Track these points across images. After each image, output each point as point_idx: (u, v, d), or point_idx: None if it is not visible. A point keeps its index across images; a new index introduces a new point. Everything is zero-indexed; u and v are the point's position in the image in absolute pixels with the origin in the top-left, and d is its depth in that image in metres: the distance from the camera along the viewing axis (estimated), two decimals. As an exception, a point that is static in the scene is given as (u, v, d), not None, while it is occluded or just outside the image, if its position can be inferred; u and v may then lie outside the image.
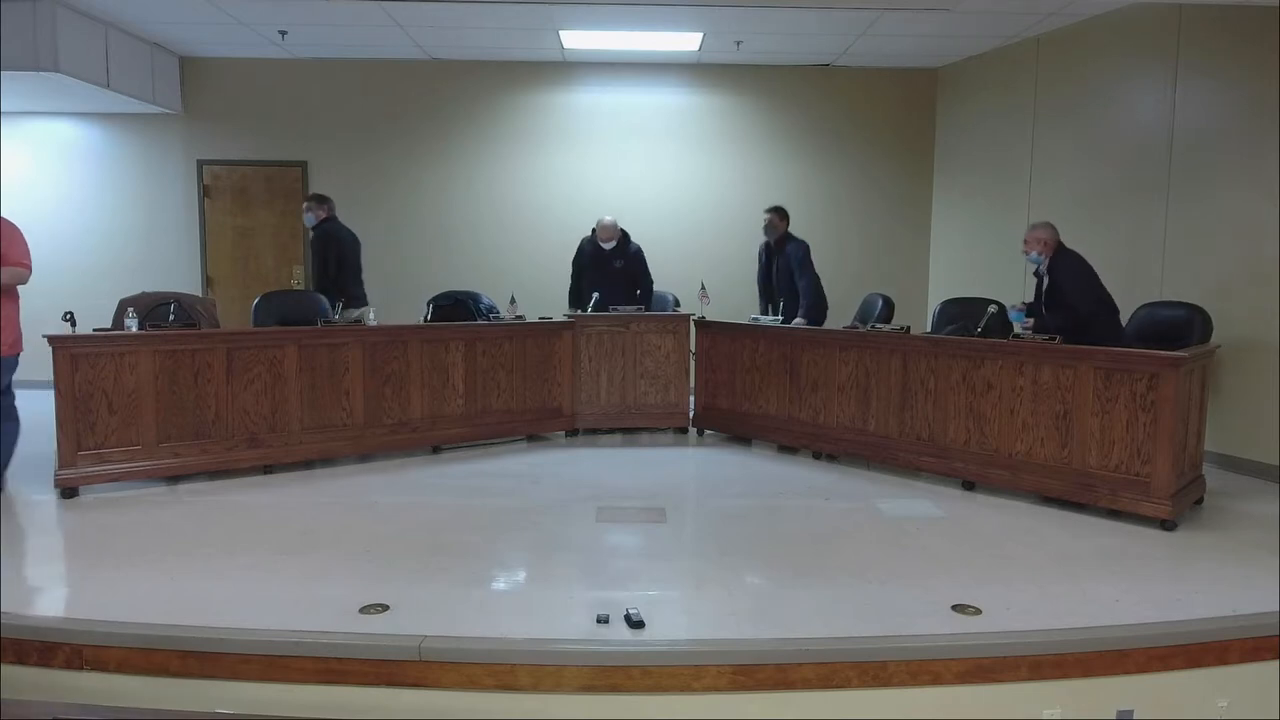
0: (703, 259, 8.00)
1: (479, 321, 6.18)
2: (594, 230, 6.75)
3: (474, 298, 6.47)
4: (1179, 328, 4.86)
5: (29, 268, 4.90)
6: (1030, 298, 5.37)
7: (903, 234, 8.36)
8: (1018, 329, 4.93)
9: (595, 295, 6.80)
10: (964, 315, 5.62)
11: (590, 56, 7.82)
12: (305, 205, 6.46)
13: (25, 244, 4.89)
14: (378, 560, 3.83)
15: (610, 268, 6.65)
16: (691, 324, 6.47)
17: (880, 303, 6.30)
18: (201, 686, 2.99)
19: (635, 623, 3.11)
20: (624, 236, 6.72)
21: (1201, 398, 4.66)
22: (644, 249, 7.03)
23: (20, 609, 3.20)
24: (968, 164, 7.89)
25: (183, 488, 4.99)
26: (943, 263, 8.27)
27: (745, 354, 6.22)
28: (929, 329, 5.93)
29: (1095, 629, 3.13)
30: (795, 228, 8.30)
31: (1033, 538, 4.24)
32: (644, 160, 8.20)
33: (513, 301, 6.40)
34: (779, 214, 6.71)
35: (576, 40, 7.24)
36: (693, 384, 6.53)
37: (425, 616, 3.20)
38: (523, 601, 3.53)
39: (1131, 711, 3.07)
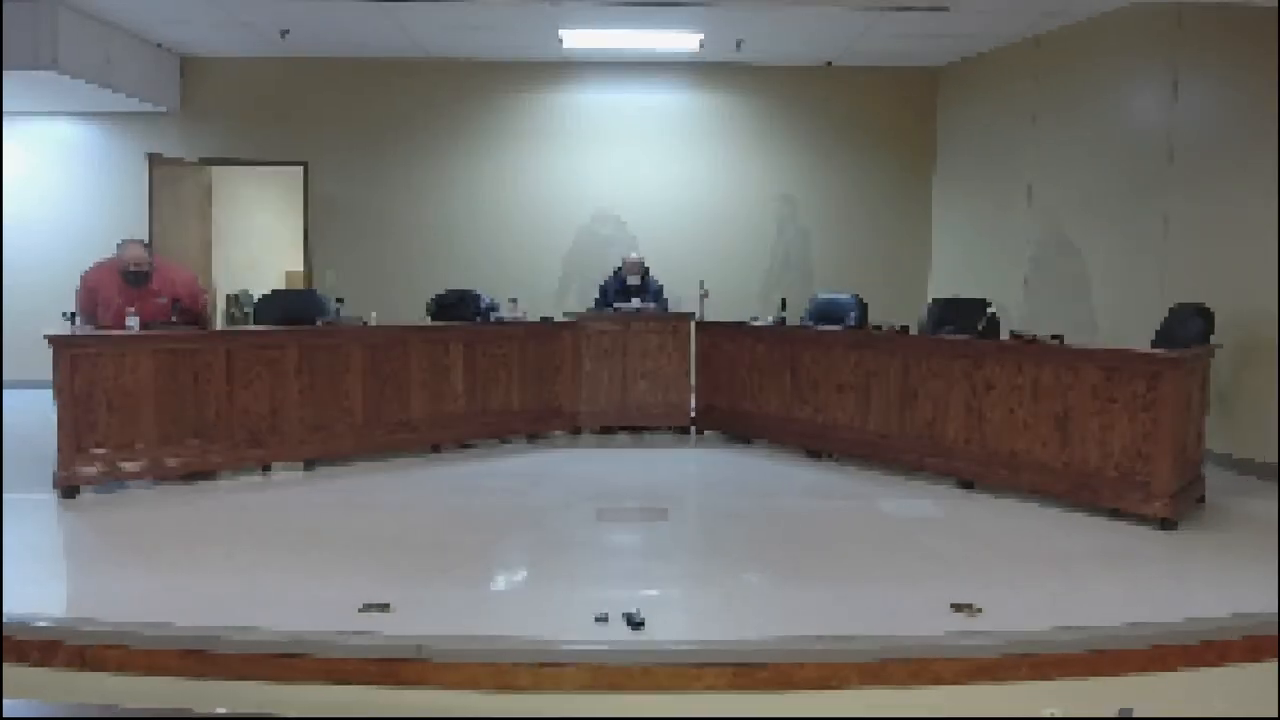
0: (703, 258, 7.99)
1: (479, 321, 6.18)
2: (617, 269, 6.84)
3: (474, 297, 6.47)
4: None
5: None
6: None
7: (903, 234, 8.35)
8: None
9: (596, 296, 6.82)
10: (956, 315, 5.63)
11: (590, 56, 7.82)
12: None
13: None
14: (378, 560, 3.83)
15: (641, 303, 6.67)
16: (691, 324, 6.47)
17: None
18: (201, 686, 2.98)
19: (635, 623, 3.11)
20: (645, 270, 6.81)
21: (1202, 398, 4.66)
22: (645, 250, 7.06)
23: (20, 609, 3.19)
24: (968, 164, 7.88)
25: (183, 488, 4.99)
26: (943, 263, 8.27)
27: (745, 354, 6.22)
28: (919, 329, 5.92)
29: (1095, 629, 3.13)
30: (796, 229, 8.35)
31: (1033, 538, 4.24)
32: (644, 160, 8.19)
33: (513, 301, 6.41)
34: None
35: (576, 40, 7.23)
36: (693, 384, 6.53)
37: (425, 616, 3.19)
38: (523, 601, 3.53)
39: (1131, 711, 3.06)
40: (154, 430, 4.91)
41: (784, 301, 6.61)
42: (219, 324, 7.34)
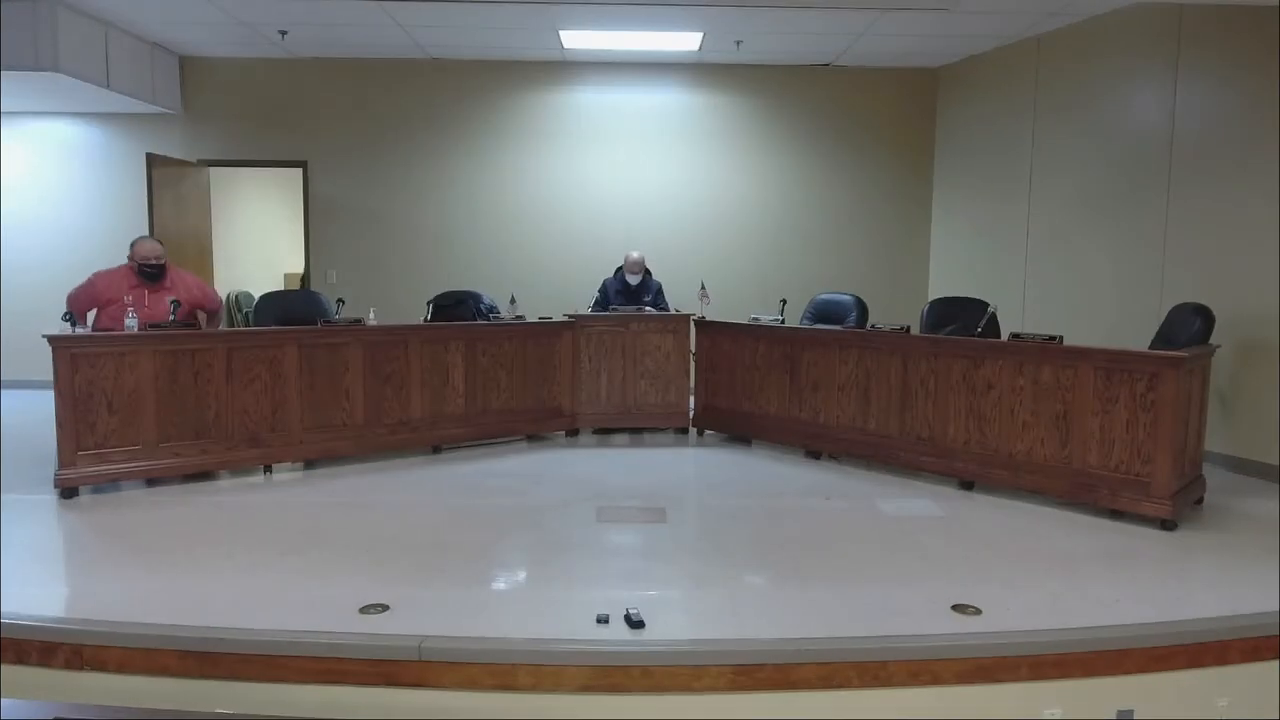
0: (703, 258, 8.01)
1: (479, 321, 6.19)
2: (618, 269, 6.84)
3: (474, 297, 6.47)
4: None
5: None
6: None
7: (903, 234, 8.36)
8: None
9: (595, 296, 6.82)
10: (956, 315, 5.63)
11: (590, 56, 7.82)
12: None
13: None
14: (378, 560, 3.83)
15: (640, 304, 6.66)
16: (691, 324, 6.47)
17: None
18: (201, 686, 2.99)
19: (635, 623, 3.11)
20: (646, 270, 6.79)
21: (1202, 397, 4.66)
22: (645, 250, 7.06)
23: (20, 609, 3.20)
24: (968, 164, 7.89)
25: (183, 488, 4.99)
26: (943, 263, 8.27)
27: (745, 354, 6.22)
28: (918, 329, 5.92)
29: (1095, 629, 3.13)
30: (796, 229, 8.36)
31: (1033, 538, 4.24)
32: (644, 160, 8.20)
33: (513, 301, 6.41)
34: None
35: (576, 40, 7.23)
36: (693, 384, 6.53)
37: (425, 616, 3.19)
38: (523, 601, 3.53)
39: (1131, 711, 3.07)
40: (154, 430, 4.91)
41: (784, 302, 6.61)
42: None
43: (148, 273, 5.14)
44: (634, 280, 6.73)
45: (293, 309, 5.84)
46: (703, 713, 2.97)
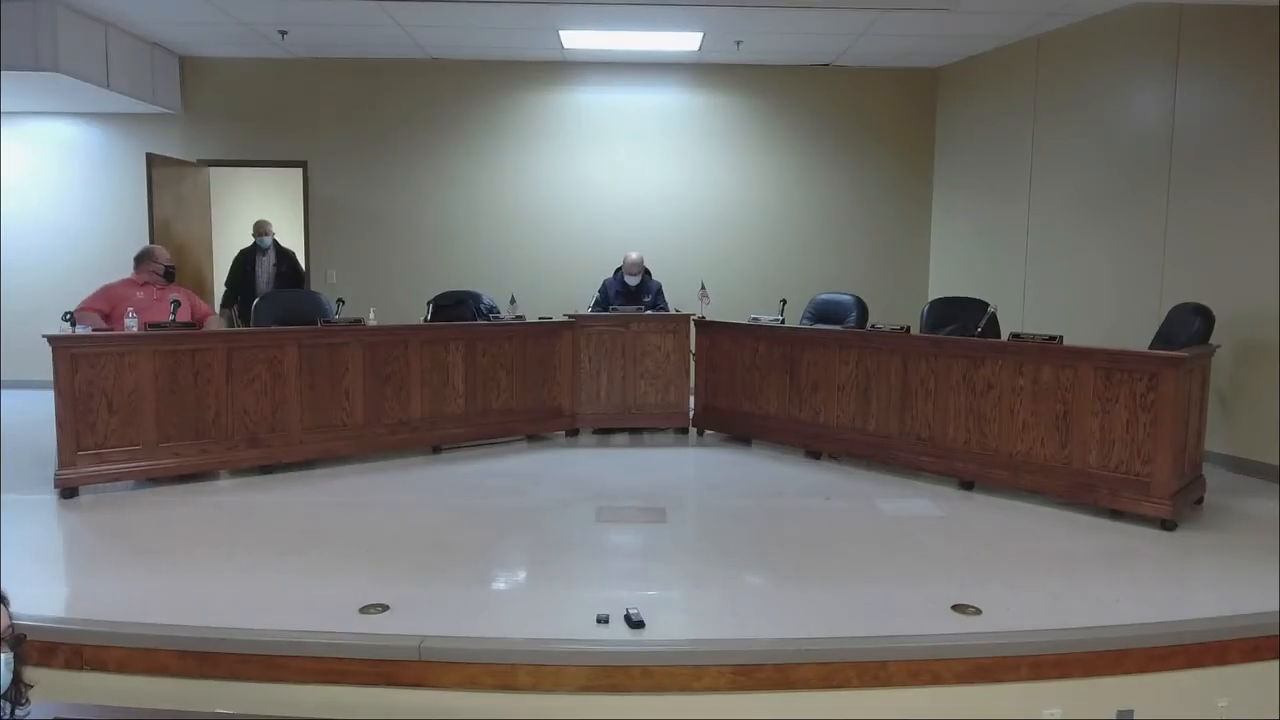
0: (703, 258, 8.00)
1: (479, 321, 6.19)
2: (618, 270, 6.82)
3: (474, 297, 6.47)
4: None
5: None
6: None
7: (903, 234, 8.36)
8: None
9: (595, 296, 6.82)
10: (956, 315, 5.63)
11: (590, 56, 7.82)
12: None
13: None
14: (378, 560, 3.83)
15: (640, 305, 6.65)
16: (691, 324, 6.46)
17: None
18: (201, 686, 2.99)
19: (635, 623, 3.11)
20: (645, 271, 6.78)
21: (1201, 398, 4.66)
22: (645, 250, 7.06)
23: (20, 609, 3.19)
24: (968, 164, 7.89)
25: (183, 488, 4.99)
26: (943, 263, 8.27)
27: (745, 354, 6.22)
28: (918, 329, 5.92)
29: (1095, 629, 3.13)
30: (796, 229, 8.36)
31: (1033, 538, 4.24)
32: (644, 160, 8.20)
33: (513, 301, 6.41)
34: None
35: (576, 40, 7.23)
36: (693, 384, 6.53)
37: (425, 616, 3.19)
38: (523, 601, 3.53)
39: (1131, 711, 3.07)
40: (154, 430, 4.91)
41: (784, 302, 6.61)
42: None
43: (171, 273, 5.52)
44: (633, 281, 6.73)
45: (293, 309, 5.84)
46: (703, 713, 2.97)
